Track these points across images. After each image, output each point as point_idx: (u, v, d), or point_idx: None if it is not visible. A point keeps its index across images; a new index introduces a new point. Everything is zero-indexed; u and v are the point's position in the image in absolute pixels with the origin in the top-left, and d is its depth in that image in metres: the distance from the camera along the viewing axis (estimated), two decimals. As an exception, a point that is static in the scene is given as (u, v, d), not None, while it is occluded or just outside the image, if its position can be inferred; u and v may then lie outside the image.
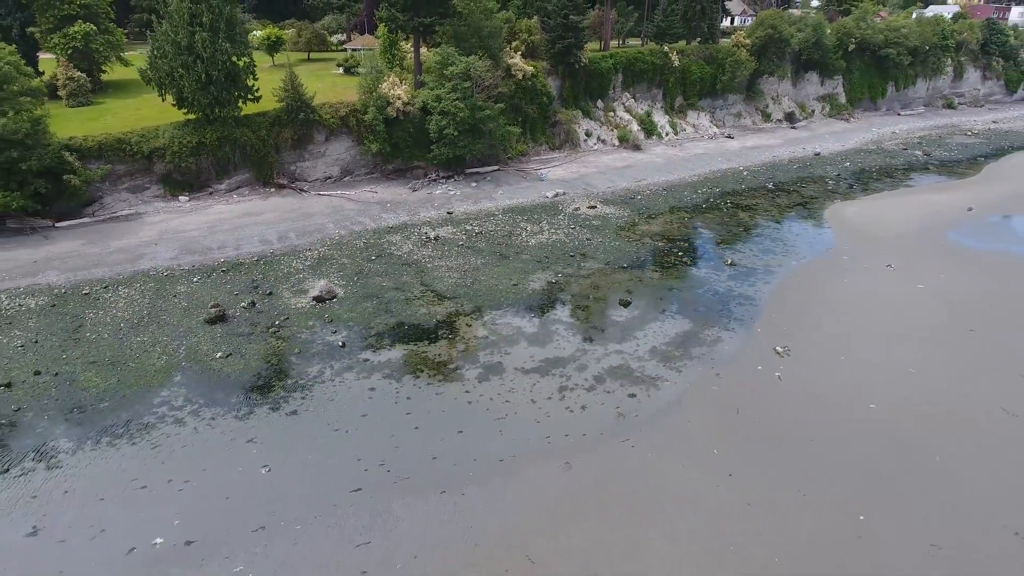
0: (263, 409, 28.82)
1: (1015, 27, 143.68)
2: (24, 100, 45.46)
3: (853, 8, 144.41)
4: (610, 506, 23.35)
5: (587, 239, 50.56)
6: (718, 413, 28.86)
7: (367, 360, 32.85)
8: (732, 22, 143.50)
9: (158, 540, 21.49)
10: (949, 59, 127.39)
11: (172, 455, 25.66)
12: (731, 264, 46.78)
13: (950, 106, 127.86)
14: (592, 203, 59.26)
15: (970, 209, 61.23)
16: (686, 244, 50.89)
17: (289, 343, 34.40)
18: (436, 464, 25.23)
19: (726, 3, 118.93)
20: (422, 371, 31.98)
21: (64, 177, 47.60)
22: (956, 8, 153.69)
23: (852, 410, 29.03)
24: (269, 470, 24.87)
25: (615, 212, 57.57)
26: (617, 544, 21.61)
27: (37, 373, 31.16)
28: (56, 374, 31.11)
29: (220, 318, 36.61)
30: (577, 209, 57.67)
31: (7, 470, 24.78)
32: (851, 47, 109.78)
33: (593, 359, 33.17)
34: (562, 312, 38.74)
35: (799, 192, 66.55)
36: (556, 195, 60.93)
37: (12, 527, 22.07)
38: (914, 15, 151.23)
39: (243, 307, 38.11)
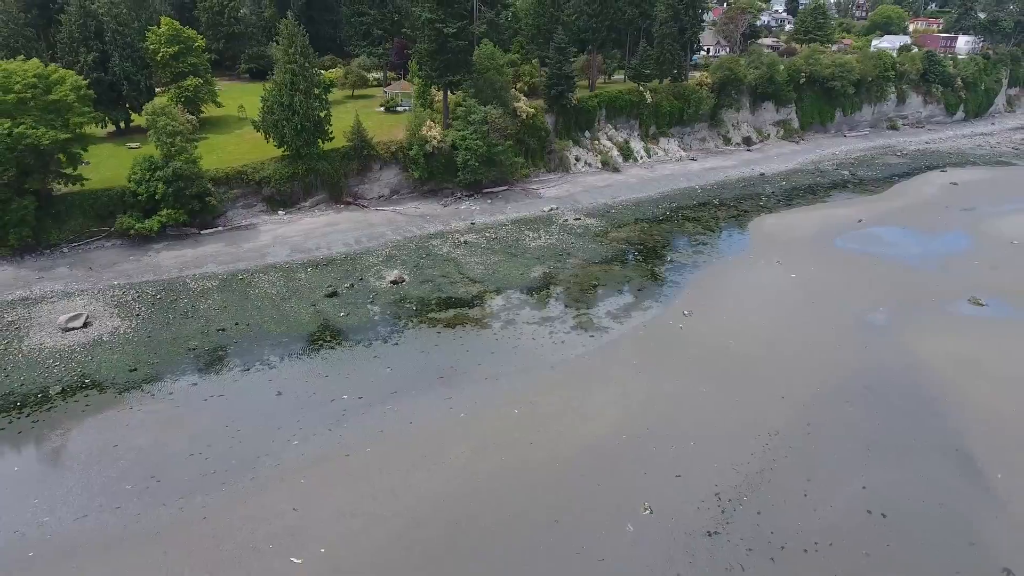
0: (377, 342, 49.70)
1: (954, 57, 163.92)
2: (188, 145, 66.33)
3: (817, 37, 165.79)
4: (574, 385, 44.06)
5: (572, 243, 71.40)
6: (640, 345, 49.66)
7: (432, 317, 53.75)
8: (708, 52, 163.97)
9: (344, 396, 42.32)
10: (892, 87, 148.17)
11: (335, 364, 46.50)
12: (671, 261, 67.67)
13: (894, 127, 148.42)
14: (578, 216, 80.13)
15: (860, 221, 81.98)
16: (642, 247, 71.71)
17: (382, 308, 55.30)
18: (481, 367, 46.05)
19: (698, 39, 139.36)
20: (466, 323, 52.85)
21: (207, 199, 68.53)
22: (907, 39, 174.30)
23: (718, 344, 49.76)
24: (391, 370, 45.72)
25: (594, 223, 78.42)
26: (577, 398, 42.36)
27: (236, 324, 52.04)
28: (248, 324, 51.98)
29: (334, 294, 57.48)
30: (566, 220, 78.49)
31: (249, 369, 45.67)
32: (802, 80, 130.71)
33: (570, 317, 54.07)
34: (553, 291, 59.59)
35: (736, 207, 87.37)
36: (551, 209, 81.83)
37: (267, 392, 42.92)
38: (873, 44, 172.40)
39: (346, 287, 58.97)
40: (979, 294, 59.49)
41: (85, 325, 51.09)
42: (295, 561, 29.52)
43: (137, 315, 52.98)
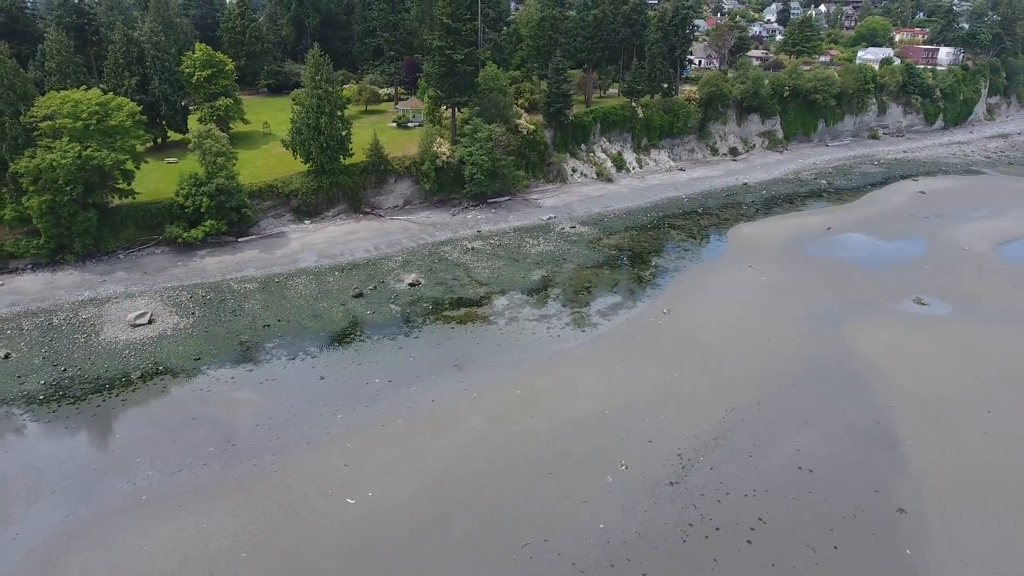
0: (400, 335, 58.37)
1: (933, 69, 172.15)
2: (229, 164, 74.98)
3: (804, 49, 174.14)
4: (567, 371, 52.67)
5: (568, 249, 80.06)
6: (624, 339, 58.30)
7: (446, 315, 62.43)
8: (700, 64, 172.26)
9: (376, 380, 50.96)
10: (873, 98, 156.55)
11: (366, 354, 55.16)
12: (655, 265, 76.32)
13: (874, 137, 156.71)
14: (573, 224, 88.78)
15: (829, 228, 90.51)
16: (631, 252, 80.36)
17: (402, 307, 63.96)
18: (489, 356, 54.68)
19: (688, 55, 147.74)
20: (475, 320, 61.51)
21: (243, 210, 77.19)
22: (890, 51, 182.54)
23: (693, 338, 58.36)
24: (413, 358, 54.39)
25: (588, 231, 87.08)
26: (569, 381, 50.98)
27: (279, 320, 60.71)
28: (288, 321, 60.65)
29: (360, 295, 66.13)
30: (563, 229, 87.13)
31: (294, 358, 54.35)
32: (786, 93, 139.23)
33: (566, 314, 62.74)
34: (550, 292, 68.23)
35: (718, 215, 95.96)
36: (549, 218, 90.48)
37: (312, 376, 51.58)
38: (859, 56, 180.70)
39: (370, 289, 67.64)
40: (923, 294, 68.11)
41: (150, 321, 59.80)
42: (350, 501, 38.20)
43: (192, 313, 61.67)
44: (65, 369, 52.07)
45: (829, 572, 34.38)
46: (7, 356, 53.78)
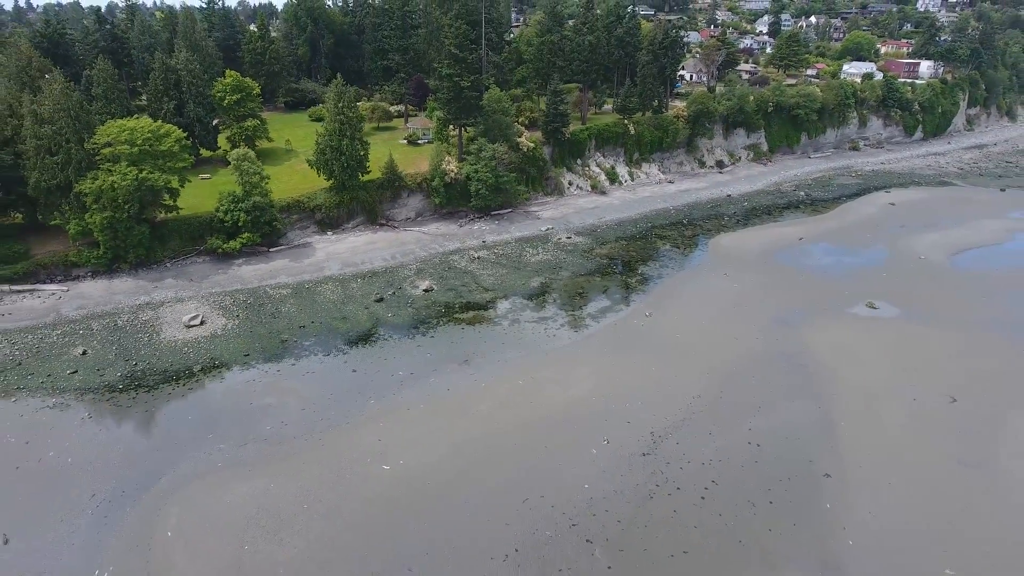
0: (417, 334, 67.84)
1: (913, 83, 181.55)
2: (262, 183, 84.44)
3: (792, 63, 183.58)
4: (561, 365, 62.09)
5: (564, 258, 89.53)
6: (611, 338, 67.75)
7: (456, 317, 71.90)
8: (691, 78, 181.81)
9: (400, 372, 60.41)
10: (854, 112, 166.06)
11: (390, 350, 64.62)
12: (641, 273, 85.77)
13: (855, 148, 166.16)
14: (569, 235, 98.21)
15: (801, 239, 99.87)
16: (620, 261, 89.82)
17: (418, 310, 73.42)
18: (494, 352, 64.14)
19: (678, 72, 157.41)
20: (482, 321, 70.97)
21: (274, 223, 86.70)
22: (873, 66, 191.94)
23: (668, 336, 67.81)
24: (431, 354, 63.86)
25: (582, 241, 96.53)
26: (563, 373, 60.39)
27: (312, 322, 70.17)
28: (321, 322, 70.12)
29: (381, 299, 75.60)
30: (560, 239, 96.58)
31: (328, 354, 63.79)
32: (770, 109, 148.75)
33: (561, 316, 72.22)
34: (548, 297, 77.67)
35: (701, 226, 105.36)
36: (547, 229, 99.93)
37: (345, 370, 61.03)
38: (844, 70, 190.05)
39: (389, 294, 77.10)
40: (875, 299, 77.48)
41: (202, 323, 69.23)
42: (385, 467, 47.67)
43: (237, 316, 71.14)
44: (136, 363, 61.53)
45: (763, 520, 43.81)
46: (84, 352, 63.23)
